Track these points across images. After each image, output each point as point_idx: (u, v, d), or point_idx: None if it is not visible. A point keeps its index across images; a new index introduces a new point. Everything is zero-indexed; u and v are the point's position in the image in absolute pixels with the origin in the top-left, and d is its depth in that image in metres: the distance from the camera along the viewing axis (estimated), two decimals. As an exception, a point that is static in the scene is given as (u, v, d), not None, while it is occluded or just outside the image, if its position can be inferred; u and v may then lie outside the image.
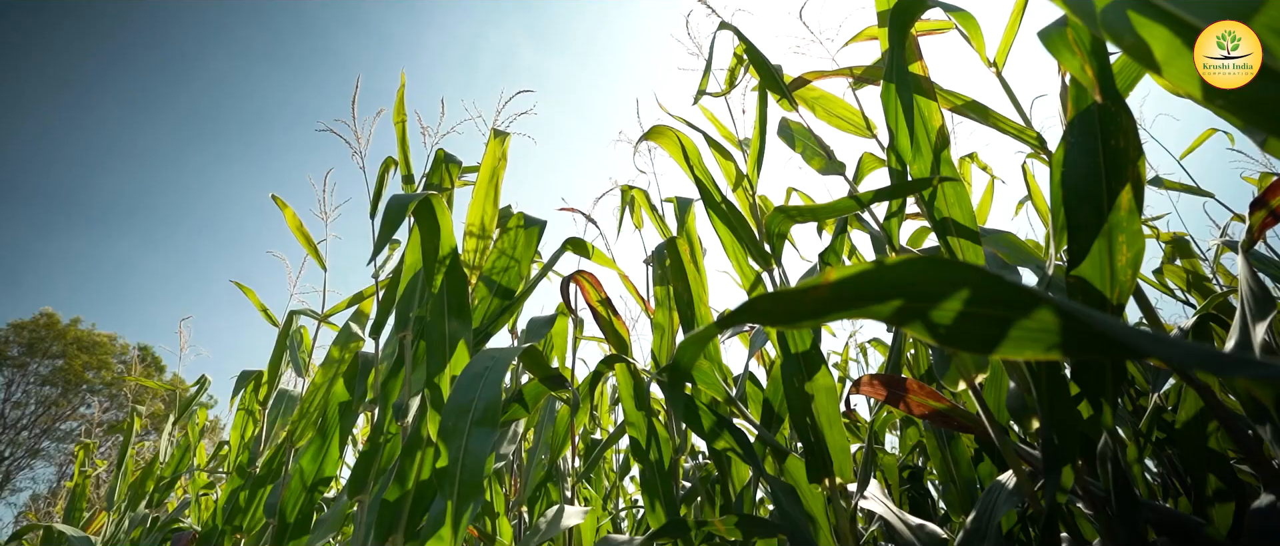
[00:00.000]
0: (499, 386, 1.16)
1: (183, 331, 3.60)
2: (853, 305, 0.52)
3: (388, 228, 1.24)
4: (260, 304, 2.53)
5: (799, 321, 0.53)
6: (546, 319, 1.66)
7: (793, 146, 1.61)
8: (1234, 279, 2.67)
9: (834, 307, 0.53)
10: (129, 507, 3.55)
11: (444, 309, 1.36)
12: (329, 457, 1.87)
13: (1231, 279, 2.66)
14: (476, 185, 1.59)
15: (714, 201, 1.48)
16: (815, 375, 1.21)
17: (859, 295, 0.51)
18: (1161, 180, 2.51)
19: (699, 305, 1.62)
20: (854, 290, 0.51)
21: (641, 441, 1.63)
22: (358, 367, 1.81)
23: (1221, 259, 2.63)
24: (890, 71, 1.27)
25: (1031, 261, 1.28)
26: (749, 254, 1.47)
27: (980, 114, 1.31)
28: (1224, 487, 1.34)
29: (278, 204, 2.18)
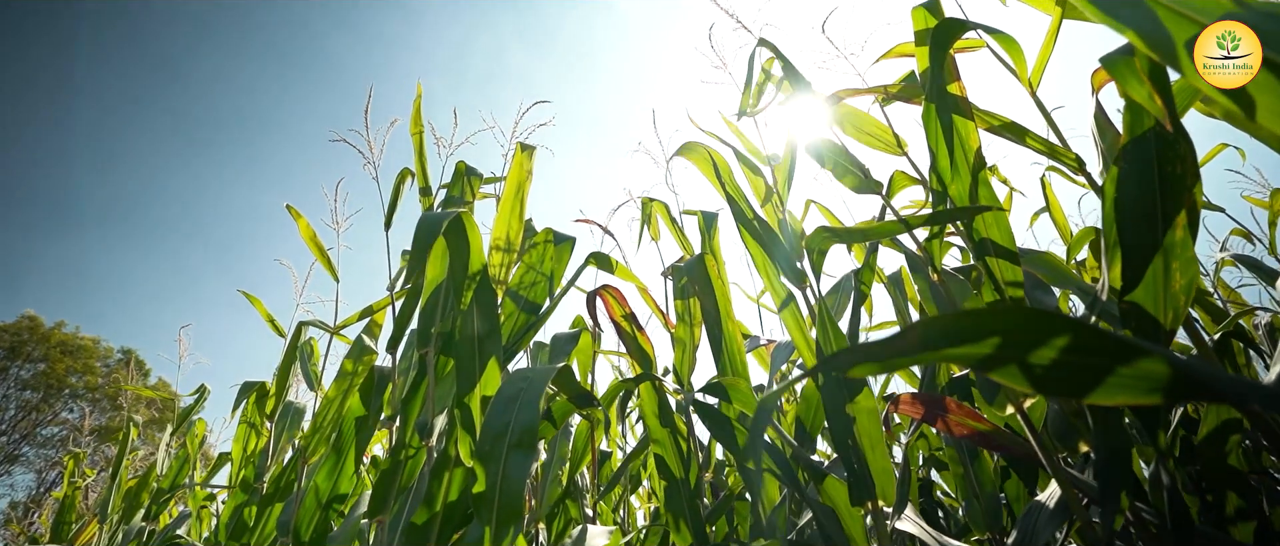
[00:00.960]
0: (536, 409, 1.14)
1: (182, 340, 3.54)
2: (945, 348, 0.52)
3: (420, 246, 1.21)
4: (267, 314, 2.48)
5: (895, 364, 0.52)
6: (571, 335, 1.64)
7: (822, 164, 1.60)
8: (1232, 293, 2.69)
9: (927, 351, 0.53)
10: (123, 520, 3.47)
11: (473, 327, 1.33)
12: (344, 474, 1.84)
13: (1230, 293, 2.69)
14: (502, 200, 1.57)
15: (746, 218, 1.47)
16: (857, 397, 1.19)
17: (953, 339, 0.51)
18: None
19: (726, 321, 1.60)
20: (948, 334, 0.51)
21: (668, 459, 1.61)
22: (374, 382, 1.78)
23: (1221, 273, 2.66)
24: (930, 91, 1.27)
25: (1071, 282, 1.27)
26: (781, 271, 1.46)
27: (1017, 135, 1.30)
28: (1244, 505, 1.34)
29: (292, 214, 2.14)
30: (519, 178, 1.58)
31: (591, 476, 1.94)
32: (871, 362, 0.65)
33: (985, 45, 1.51)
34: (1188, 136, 0.90)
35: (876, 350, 0.64)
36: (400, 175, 1.93)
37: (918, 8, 1.33)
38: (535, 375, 1.22)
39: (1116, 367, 0.50)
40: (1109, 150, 1.27)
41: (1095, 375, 0.50)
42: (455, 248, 1.33)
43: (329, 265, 2.24)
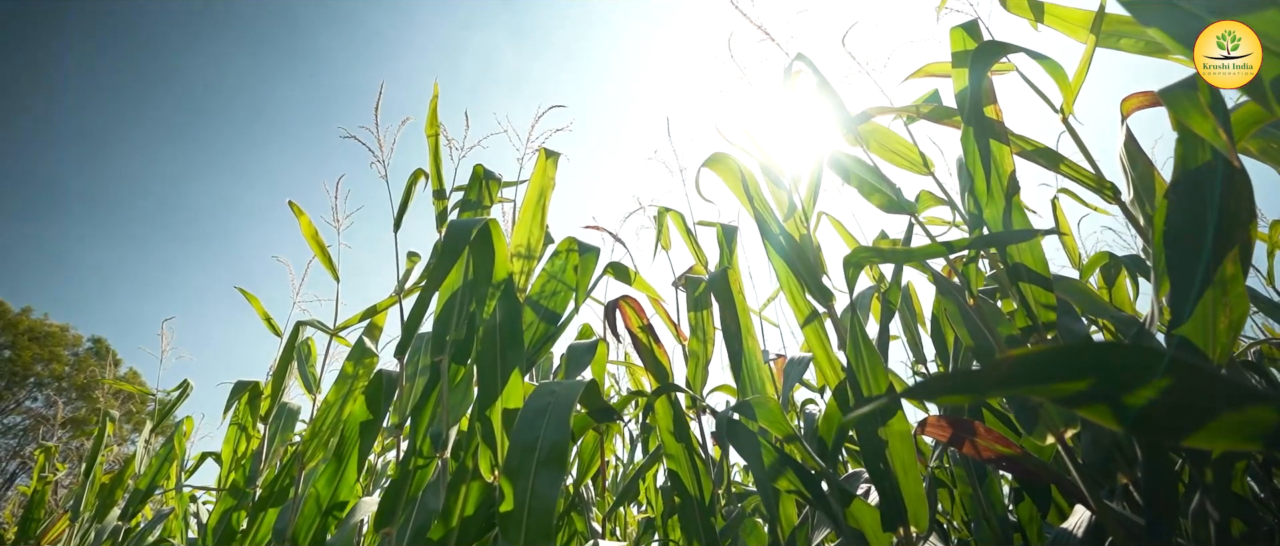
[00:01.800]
0: (566, 425, 1.11)
1: (165, 333, 3.44)
2: (1036, 383, 0.51)
3: (450, 252, 1.18)
4: (263, 312, 2.41)
5: (983, 396, 0.52)
6: (588, 345, 1.61)
7: (847, 180, 1.58)
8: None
9: (1019, 385, 0.52)
10: (96, 518, 3.37)
11: (496, 337, 1.30)
12: (345, 481, 1.78)
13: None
14: (523, 206, 1.53)
15: (772, 233, 1.45)
16: (891, 420, 1.18)
17: (1045, 375, 0.50)
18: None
19: (747, 337, 1.59)
20: (1040, 370, 0.50)
21: (683, 475, 1.58)
22: (382, 388, 1.73)
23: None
24: (968, 114, 1.26)
25: (1105, 310, 1.27)
26: (806, 288, 1.44)
27: (1051, 161, 1.30)
28: (1248, 531, 1.35)
29: (294, 210, 2.08)
30: (541, 184, 1.55)
31: (599, 488, 1.91)
32: (961, 394, 0.64)
33: (1015, 68, 1.51)
34: (1245, 172, 0.90)
35: (967, 382, 0.63)
36: (413, 176, 1.89)
37: (956, 29, 1.32)
38: (562, 389, 1.19)
39: (1222, 413, 0.49)
40: (1141, 179, 1.27)
41: (1197, 417, 0.49)
42: (480, 255, 1.30)
43: (330, 264, 2.18)
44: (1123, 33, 1.33)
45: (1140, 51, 1.31)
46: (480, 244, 1.30)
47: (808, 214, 1.53)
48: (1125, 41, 1.33)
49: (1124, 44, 1.33)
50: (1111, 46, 1.35)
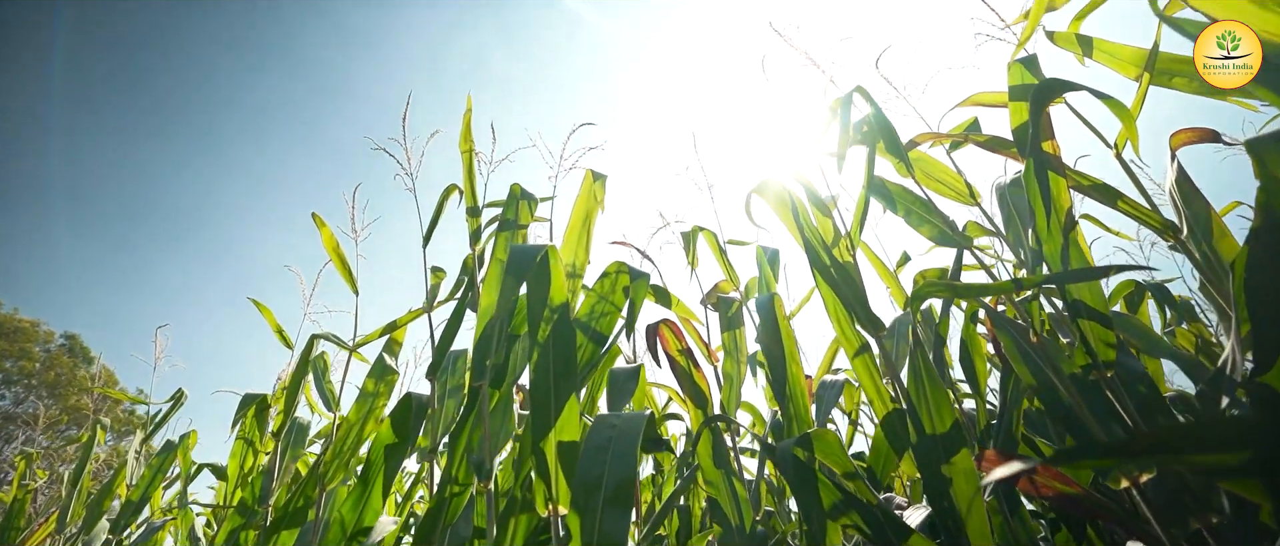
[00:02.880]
0: (632, 460, 1.08)
1: (159, 340, 3.34)
2: (1186, 455, 0.51)
3: (514, 278, 1.15)
4: (276, 324, 2.35)
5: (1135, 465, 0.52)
6: (630, 371, 1.58)
7: (893, 209, 1.58)
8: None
9: (1166, 455, 0.52)
10: (83, 530, 3.26)
11: (549, 365, 1.26)
12: (370, 506, 1.73)
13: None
14: (568, 227, 1.51)
15: (822, 263, 1.44)
16: (954, 456, 1.17)
17: (1196, 447, 0.50)
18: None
19: (791, 363, 1.57)
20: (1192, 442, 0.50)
21: (722, 502, 1.56)
22: (411, 410, 1.69)
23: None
24: (1030, 148, 1.26)
25: (1162, 350, 1.28)
26: (855, 318, 1.43)
27: (1108, 197, 1.31)
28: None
29: (316, 222, 2.03)
30: (587, 206, 1.52)
31: (638, 517, 1.88)
32: (1105, 459, 0.62)
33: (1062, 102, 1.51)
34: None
35: (1117, 450, 0.62)
36: (446, 191, 1.85)
37: (1015, 63, 1.32)
38: (623, 423, 1.16)
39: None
40: (1197, 218, 1.28)
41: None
42: (535, 279, 1.27)
43: (349, 277, 2.13)
44: (1175, 72, 1.34)
45: (1194, 91, 1.32)
46: (538, 268, 1.27)
47: (855, 242, 1.52)
48: (1178, 80, 1.34)
49: (1177, 83, 1.34)
50: (1163, 85, 1.36)
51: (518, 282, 1.16)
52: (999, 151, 1.43)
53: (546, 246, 1.22)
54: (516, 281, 1.16)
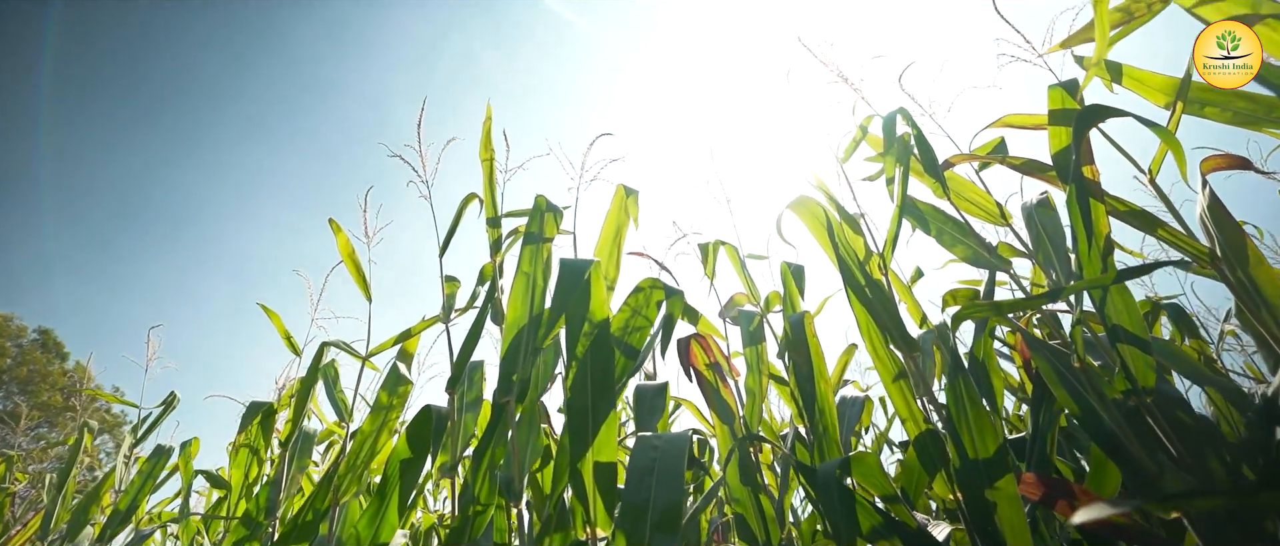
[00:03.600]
0: (679, 484, 1.06)
1: (152, 341, 3.26)
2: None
3: (563, 293, 1.12)
4: (284, 330, 2.29)
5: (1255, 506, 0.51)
6: (656, 387, 1.56)
7: (925, 229, 1.58)
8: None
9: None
10: (67, 537, 3.17)
11: (587, 383, 1.24)
12: (386, 522, 1.69)
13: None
14: (600, 241, 1.49)
15: (856, 282, 1.43)
16: (998, 481, 1.16)
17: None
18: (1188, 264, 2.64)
19: (819, 380, 1.56)
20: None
21: (749, 520, 1.55)
22: (430, 424, 1.65)
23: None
24: (1071, 173, 1.26)
25: (1203, 377, 1.28)
26: (889, 338, 1.43)
27: (1146, 223, 1.31)
28: None
29: (333, 228, 1.99)
30: (618, 220, 1.50)
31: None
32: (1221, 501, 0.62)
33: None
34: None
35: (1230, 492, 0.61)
36: (465, 200, 1.82)
37: (1054, 88, 1.32)
38: (665, 444, 1.15)
39: None
40: (1231, 244, 1.29)
41: None
42: (577, 296, 1.24)
43: (363, 284, 2.08)
44: (1207, 101, 1.35)
45: (1227, 121, 1.33)
46: (580, 283, 1.24)
47: (886, 262, 1.52)
48: (1210, 110, 1.35)
49: (1208, 112, 1.36)
50: (1195, 114, 1.37)
51: (570, 293, 1.14)
52: (1034, 174, 1.43)
53: (593, 262, 1.20)
54: (568, 293, 1.14)
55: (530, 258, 1.56)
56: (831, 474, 1.20)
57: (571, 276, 1.16)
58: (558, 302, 1.14)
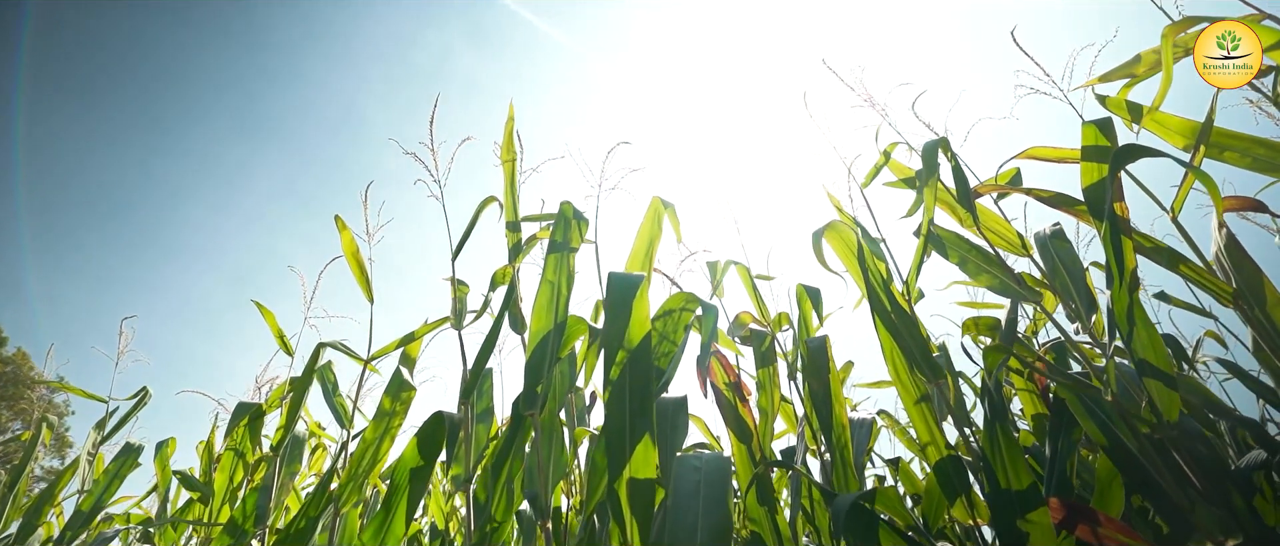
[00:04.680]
0: (725, 505, 1.05)
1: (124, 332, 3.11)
2: None
3: (616, 309, 1.10)
4: (277, 328, 2.21)
5: None
6: (676, 402, 1.53)
7: (945, 256, 1.60)
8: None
9: None
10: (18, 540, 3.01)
11: (625, 401, 1.22)
12: (391, 533, 1.64)
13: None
14: (631, 255, 1.47)
15: (884, 308, 1.44)
16: (1032, 513, 1.18)
17: None
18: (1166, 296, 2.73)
19: (836, 403, 1.56)
20: None
21: (767, 538, 1.54)
22: (443, 430, 1.60)
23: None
24: (1105, 209, 1.29)
25: (1223, 412, 1.32)
26: (915, 365, 1.44)
27: (1170, 260, 1.35)
28: None
29: (338, 225, 1.93)
30: (651, 234, 1.48)
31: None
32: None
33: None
34: None
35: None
36: (483, 203, 1.78)
37: (1088, 125, 1.35)
38: (706, 464, 1.13)
39: None
40: (1248, 283, 1.33)
41: None
42: (617, 311, 1.22)
43: (366, 285, 2.02)
44: (1227, 146, 1.40)
45: (1245, 166, 1.38)
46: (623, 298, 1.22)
47: (911, 289, 1.53)
48: (1229, 155, 1.40)
49: (1228, 157, 1.40)
50: (1214, 157, 1.42)
51: (624, 312, 1.12)
52: (1062, 208, 1.46)
53: (642, 277, 1.18)
54: (621, 307, 1.12)
55: (554, 266, 1.53)
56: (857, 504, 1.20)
57: (624, 292, 1.14)
58: (613, 319, 1.12)
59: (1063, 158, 1.50)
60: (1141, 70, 1.39)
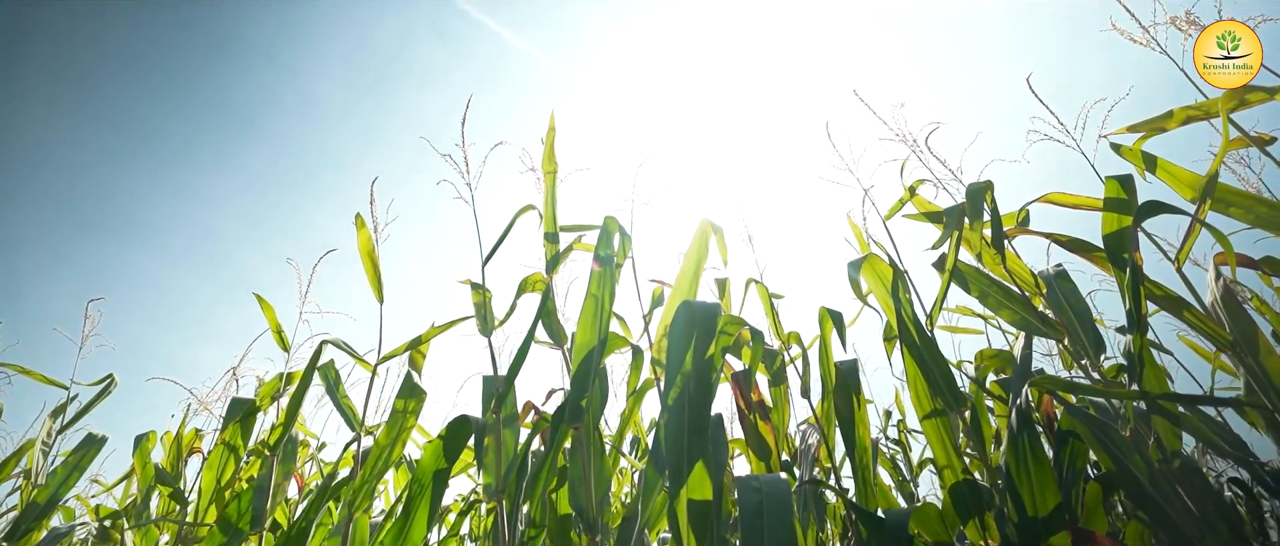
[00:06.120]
0: (789, 524, 1.09)
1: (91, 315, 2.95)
2: None
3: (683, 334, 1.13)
4: (276, 323, 2.14)
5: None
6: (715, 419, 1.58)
7: (967, 290, 1.69)
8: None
9: None
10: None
11: (683, 422, 1.24)
12: (409, 539, 1.62)
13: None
14: (679, 278, 1.50)
15: (911, 338, 1.51)
16: (1053, 536, 1.26)
17: None
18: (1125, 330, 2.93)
19: (859, 426, 1.63)
20: None
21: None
22: (471, 435, 1.59)
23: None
24: (1119, 259, 1.39)
25: (1219, 449, 1.44)
26: (937, 392, 1.51)
27: (1176, 307, 1.47)
28: None
29: (358, 225, 1.88)
30: (699, 255, 1.52)
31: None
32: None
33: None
34: None
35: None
36: (520, 211, 1.77)
37: (1111, 179, 1.46)
38: (767, 485, 1.17)
39: None
40: (1243, 334, 1.46)
41: None
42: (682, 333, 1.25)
43: (377, 286, 1.98)
44: (1232, 202, 1.53)
45: (1248, 222, 1.51)
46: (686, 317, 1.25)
47: (933, 320, 1.61)
48: (1234, 210, 1.53)
49: (1233, 212, 1.53)
50: (1220, 211, 1.55)
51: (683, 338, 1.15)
52: (1080, 252, 1.57)
53: (719, 308, 1.21)
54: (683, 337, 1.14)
55: (598, 280, 1.55)
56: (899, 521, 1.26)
57: (692, 319, 1.17)
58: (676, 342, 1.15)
59: (1079, 204, 1.61)
60: (1172, 124, 1.50)
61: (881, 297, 1.58)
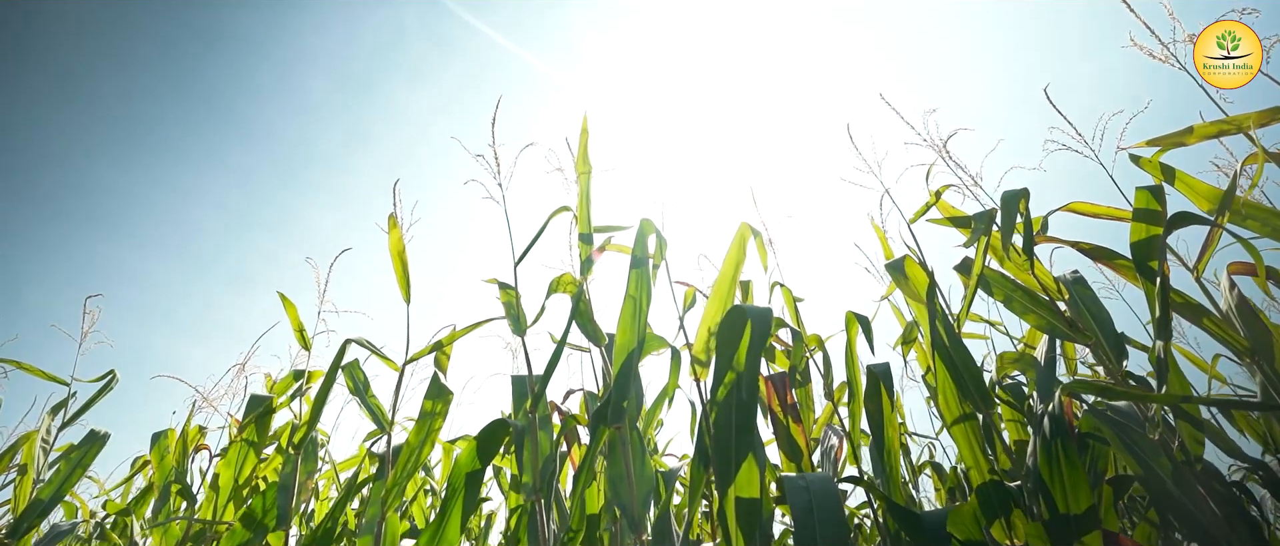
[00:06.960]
0: (842, 523, 1.11)
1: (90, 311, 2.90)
2: None
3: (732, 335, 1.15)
4: (298, 322, 2.12)
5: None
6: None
7: (991, 294, 1.73)
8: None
9: None
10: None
11: (732, 422, 1.27)
12: (445, 538, 1.62)
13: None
14: (718, 281, 1.52)
15: (942, 343, 1.55)
16: (1086, 536, 1.30)
17: None
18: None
19: (888, 427, 1.67)
20: None
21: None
22: (505, 438, 1.60)
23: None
24: (1147, 269, 1.44)
25: (1237, 454, 1.50)
26: (965, 397, 1.55)
27: (1195, 314, 1.52)
28: None
29: (390, 224, 1.88)
30: (737, 258, 1.54)
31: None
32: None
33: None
34: None
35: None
36: (553, 212, 1.78)
37: (1142, 189, 1.50)
38: (815, 484, 1.19)
39: None
40: (1258, 340, 1.51)
41: None
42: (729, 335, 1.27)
43: (406, 286, 1.98)
44: (1249, 215, 1.59)
45: (1265, 235, 1.57)
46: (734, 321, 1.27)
47: (960, 324, 1.65)
48: (1251, 222, 1.59)
49: (1250, 224, 1.59)
50: (1238, 223, 1.61)
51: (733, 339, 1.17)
52: (1103, 261, 1.62)
53: (768, 310, 1.24)
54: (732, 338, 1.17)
55: (636, 282, 1.57)
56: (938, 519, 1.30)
57: (744, 321, 1.19)
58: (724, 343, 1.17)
59: (1102, 214, 1.66)
60: (1192, 140, 1.55)
61: (915, 305, 1.62)
